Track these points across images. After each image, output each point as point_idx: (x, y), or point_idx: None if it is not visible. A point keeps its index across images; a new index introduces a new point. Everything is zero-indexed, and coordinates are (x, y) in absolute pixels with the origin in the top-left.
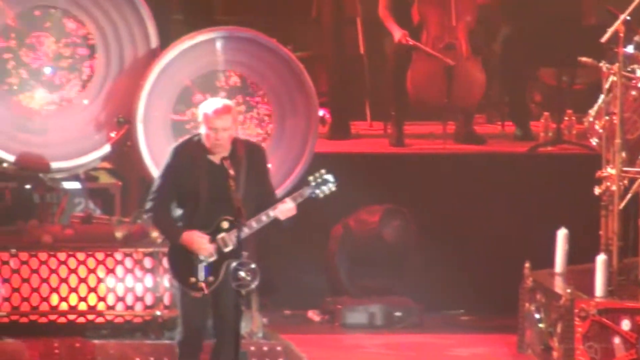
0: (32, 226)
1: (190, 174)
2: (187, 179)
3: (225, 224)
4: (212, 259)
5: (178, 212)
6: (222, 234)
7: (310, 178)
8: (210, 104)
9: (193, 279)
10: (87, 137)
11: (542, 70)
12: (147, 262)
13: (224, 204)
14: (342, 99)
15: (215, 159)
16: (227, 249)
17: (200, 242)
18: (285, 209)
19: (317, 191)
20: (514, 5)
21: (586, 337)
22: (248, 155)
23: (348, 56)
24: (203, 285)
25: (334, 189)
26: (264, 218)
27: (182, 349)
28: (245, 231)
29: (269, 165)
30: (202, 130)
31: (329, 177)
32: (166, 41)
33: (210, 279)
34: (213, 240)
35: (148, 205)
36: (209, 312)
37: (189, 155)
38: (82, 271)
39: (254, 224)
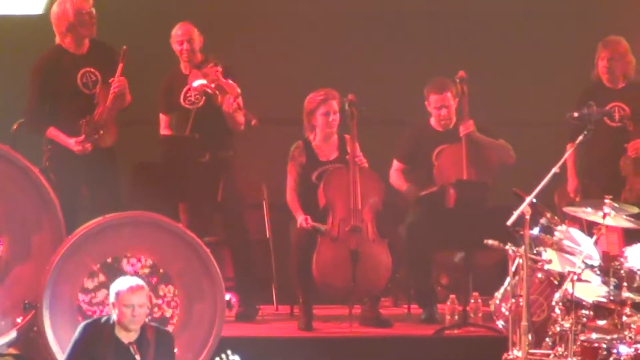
0: None
1: (96, 352)
2: (93, 357)
3: None
4: None
5: None
6: None
7: (217, 359)
8: (122, 283)
9: None
10: None
11: (448, 253)
12: None
13: None
14: (248, 283)
15: (124, 338)
16: None
17: None
18: None
19: None
20: (420, 188)
21: None
22: (157, 340)
23: (254, 240)
24: None
25: None
26: None
27: None
28: None
29: (175, 350)
30: (115, 310)
31: (236, 357)
32: (72, 226)
33: None
34: None
35: None
36: None
37: (97, 333)
38: None
39: None
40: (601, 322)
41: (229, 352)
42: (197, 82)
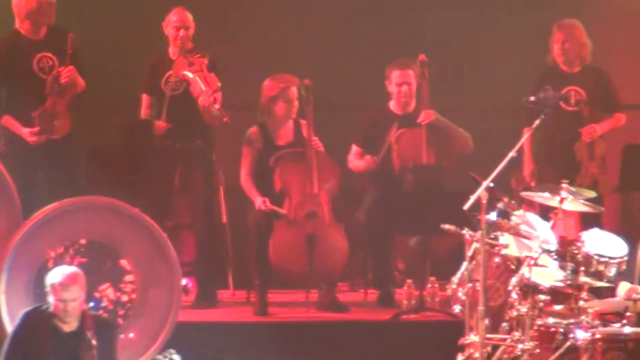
0: None
1: (35, 342)
2: (31, 346)
3: None
4: None
5: None
6: None
7: (159, 357)
8: (56, 274)
9: None
10: None
11: (405, 238)
12: None
13: None
14: (206, 268)
15: (65, 327)
16: None
17: None
18: None
19: None
20: (377, 172)
21: None
22: (97, 330)
23: (211, 225)
24: None
25: None
26: None
27: None
28: None
29: (131, 335)
30: (51, 299)
31: (177, 357)
32: (30, 211)
33: None
34: None
35: None
36: None
37: (37, 321)
38: None
39: None
40: (558, 307)
41: (171, 350)
42: (185, 73)
